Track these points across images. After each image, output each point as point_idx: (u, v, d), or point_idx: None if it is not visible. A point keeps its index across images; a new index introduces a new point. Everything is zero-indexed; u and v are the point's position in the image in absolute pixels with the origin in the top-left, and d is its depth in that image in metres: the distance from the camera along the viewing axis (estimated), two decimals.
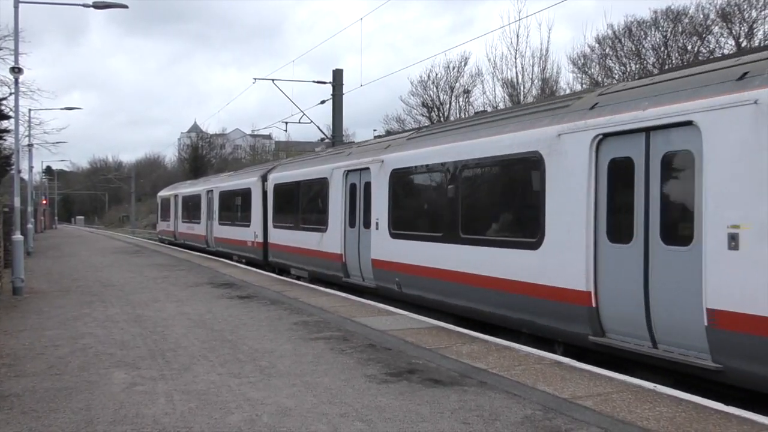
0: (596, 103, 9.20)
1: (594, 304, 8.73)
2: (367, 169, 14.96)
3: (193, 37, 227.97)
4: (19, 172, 20.35)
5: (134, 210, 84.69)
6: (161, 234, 44.88)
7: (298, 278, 19.08)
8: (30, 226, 34.33)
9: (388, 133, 31.59)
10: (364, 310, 12.77)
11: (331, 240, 16.69)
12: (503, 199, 10.83)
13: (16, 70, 17.24)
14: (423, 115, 48.91)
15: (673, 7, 35.19)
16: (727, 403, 6.57)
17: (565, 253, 9.17)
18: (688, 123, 7.59)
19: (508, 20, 44.95)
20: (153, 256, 28.79)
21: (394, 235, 13.81)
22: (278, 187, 21.62)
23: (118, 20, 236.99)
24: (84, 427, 6.01)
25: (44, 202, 76.84)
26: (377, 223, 14.40)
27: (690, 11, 34.59)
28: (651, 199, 8.05)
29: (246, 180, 25.58)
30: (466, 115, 41.93)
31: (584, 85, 37.69)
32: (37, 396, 7.02)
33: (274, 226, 21.78)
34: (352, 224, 15.72)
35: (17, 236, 16.66)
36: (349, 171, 16.00)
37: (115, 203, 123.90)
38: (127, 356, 8.88)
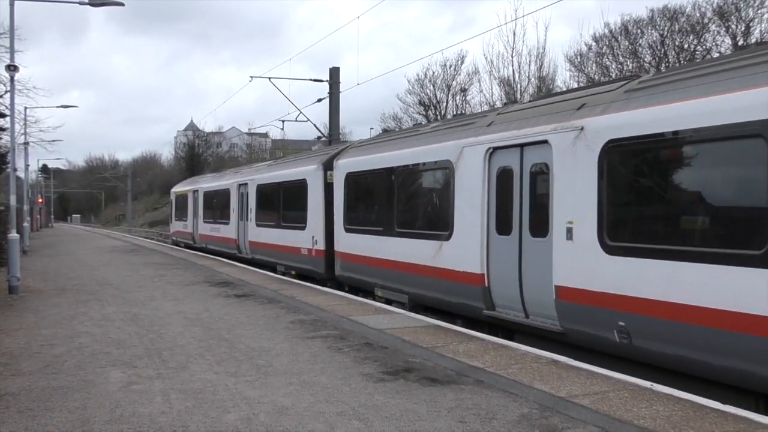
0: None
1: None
2: (542, 143, 9.84)
3: (193, 35, 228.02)
4: (15, 170, 20.28)
5: (131, 208, 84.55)
6: (176, 236, 37.93)
7: (389, 302, 13.96)
8: (26, 224, 34.27)
9: (385, 131, 31.26)
10: (361, 308, 12.76)
11: (459, 252, 11.50)
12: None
13: (12, 68, 17.18)
14: (420, 114, 48.88)
15: (669, 6, 35.24)
16: (724, 402, 6.58)
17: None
18: (545, 142, 9.66)
19: (504, 19, 44.99)
20: (149, 255, 28.75)
21: (614, 250, 8.45)
22: (354, 178, 16.17)
23: (117, 18, 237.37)
24: (80, 427, 6.00)
25: (40, 200, 76.74)
26: (571, 230, 9.14)
27: (687, 10, 34.63)
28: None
29: (299, 169, 19.86)
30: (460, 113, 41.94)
31: (581, 83, 37.70)
32: (33, 395, 7.00)
33: (348, 230, 16.24)
34: (503, 229, 10.63)
35: (13, 235, 16.61)
36: (496, 148, 10.81)
37: (112, 202, 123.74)
38: (123, 355, 8.86)
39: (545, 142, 9.64)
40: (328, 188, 17.54)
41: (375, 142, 16.65)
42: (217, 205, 29.17)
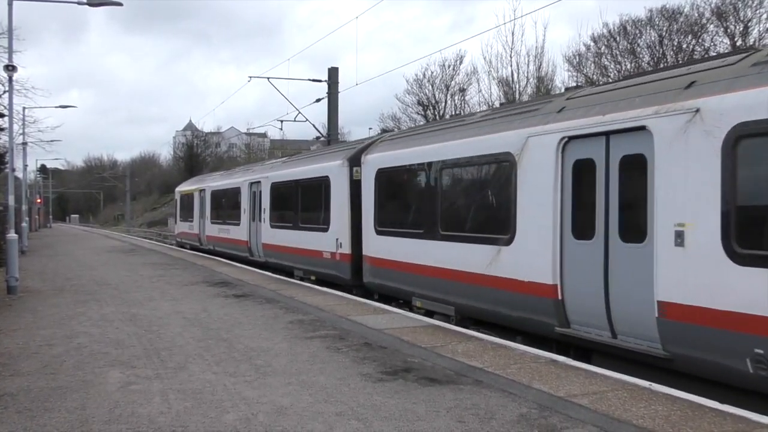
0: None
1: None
2: (637, 130, 8.22)
3: (193, 35, 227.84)
4: (14, 170, 20.27)
5: (129, 209, 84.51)
6: (181, 237, 36.31)
7: (429, 313, 12.31)
8: (24, 224, 34.23)
9: (384, 131, 31.14)
10: (360, 308, 12.76)
11: (523, 258, 9.87)
12: None
13: (11, 68, 17.17)
14: (418, 114, 48.91)
15: (668, 6, 35.27)
16: (722, 402, 6.58)
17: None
18: (642, 128, 8.13)
19: (503, 19, 45.01)
20: (148, 255, 28.73)
21: (747, 260, 6.94)
22: (387, 174, 14.32)
23: (117, 18, 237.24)
24: (79, 427, 5.99)
25: (39, 200, 76.67)
26: (682, 234, 7.59)
27: (685, 10, 34.67)
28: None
29: (320, 165, 18.10)
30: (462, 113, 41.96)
31: (579, 83, 37.69)
32: (32, 395, 7.00)
33: (380, 232, 14.43)
34: (582, 232, 8.99)
35: (12, 235, 16.60)
36: (573, 137, 9.16)
37: (110, 202, 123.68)
38: (122, 355, 8.85)
39: (642, 128, 8.02)
40: (355, 186, 15.91)
41: (410, 134, 14.78)
42: (226, 205, 27.43)
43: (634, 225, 8.23)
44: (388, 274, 14.12)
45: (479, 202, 11.35)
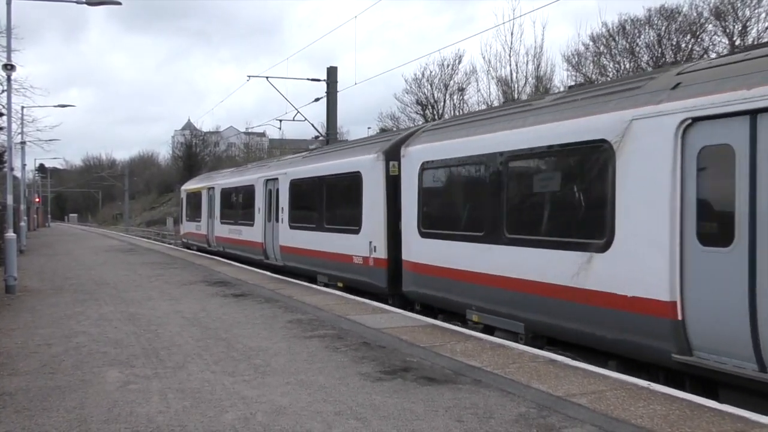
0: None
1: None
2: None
3: (193, 34, 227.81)
4: (12, 169, 20.27)
5: (128, 208, 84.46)
6: (187, 237, 34.27)
7: (489, 329, 10.83)
8: (23, 224, 34.21)
9: (383, 131, 31.05)
10: (358, 308, 12.76)
11: (626, 268, 8.14)
12: None
13: (9, 67, 17.17)
14: (417, 113, 48.93)
15: (667, 5, 35.30)
16: (720, 402, 6.58)
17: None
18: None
19: (502, 18, 45.03)
20: (147, 255, 28.72)
21: None
22: (435, 168, 12.45)
23: (117, 17, 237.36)
24: (77, 426, 5.99)
25: (37, 200, 76.64)
26: None
27: (684, 9, 34.70)
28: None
29: (349, 160, 16.12)
30: (461, 113, 41.96)
31: (577, 83, 37.68)
32: (31, 395, 6.99)
33: (426, 234, 12.51)
34: (713, 238, 7.31)
35: (10, 234, 16.59)
36: (699, 118, 7.43)
37: (109, 201, 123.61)
38: (120, 355, 8.85)
39: None
40: (392, 182, 14.10)
41: (460, 122, 12.59)
42: (237, 204, 25.38)
43: None
44: (434, 282, 12.10)
45: (560, 200, 9.44)
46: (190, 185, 35.04)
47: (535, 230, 9.74)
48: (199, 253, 29.02)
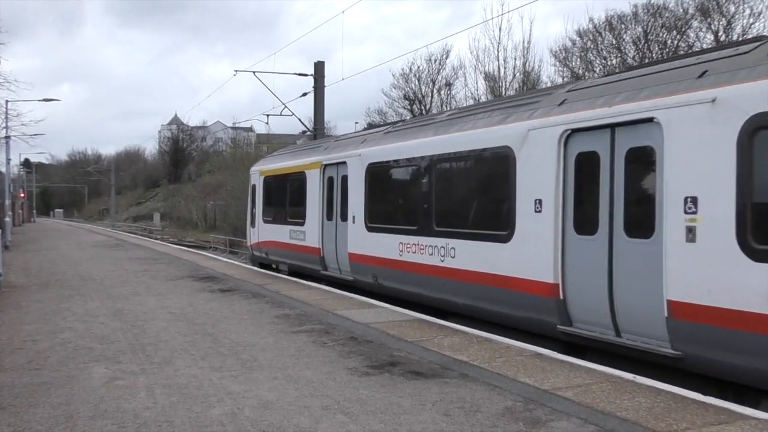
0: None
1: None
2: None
3: (189, 28, 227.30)
4: None
5: (114, 203, 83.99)
6: (266, 250, 20.95)
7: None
8: (7, 219, 33.97)
9: (371, 126, 30.99)
10: (345, 303, 12.77)
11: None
12: None
13: None
14: (405, 108, 48.91)
15: (653, 2, 35.46)
16: (705, 394, 6.66)
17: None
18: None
19: (491, 14, 45.09)
20: (133, 250, 28.60)
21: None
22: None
23: (113, 11, 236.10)
24: (64, 422, 5.97)
25: (22, 195, 76.04)
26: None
27: (670, 5, 34.87)
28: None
29: (487, 132, 10.81)
30: (448, 108, 41.99)
31: (565, 79, 37.85)
32: (16, 391, 6.95)
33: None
34: None
35: None
36: None
37: (95, 196, 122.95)
38: (107, 350, 8.81)
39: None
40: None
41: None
42: (282, 197, 19.66)
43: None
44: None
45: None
46: (261, 167, 22.64)
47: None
48: (186, 248, 28.72)
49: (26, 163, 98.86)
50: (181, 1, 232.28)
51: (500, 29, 42.32)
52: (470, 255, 10.89)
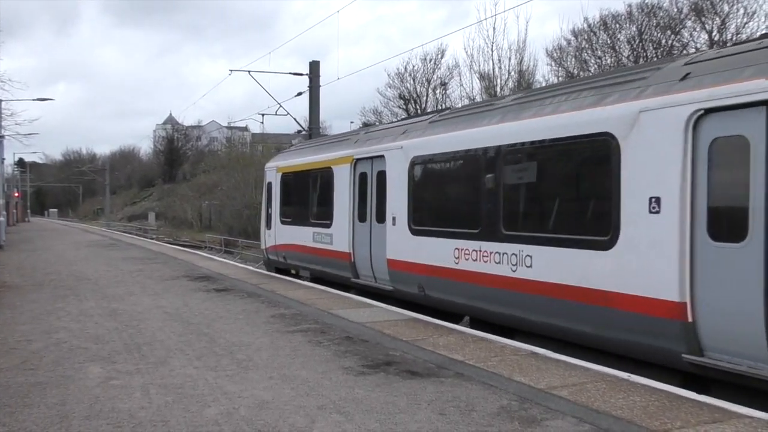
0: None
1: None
2: None
3: (186, 28, 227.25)
4: None
5: (109, 203, 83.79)
6: (284, 254, 19.07)
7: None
8: (1, 218, 33.85)
9: (365, 125, 30.94)
10: (341, 302, 12.77)
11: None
12: None
13: None
14: (400, 107, 48.92)
15: (647, 1, 35.52)
16: (699, 392, 6.68)
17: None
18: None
19: (485, 14, 45.13)
20: (128, 250, 28.54)
21: None
22: None
23: (110, 11, 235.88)
24: (59, 422, 5.95)
25: (16, 194, 75.83)
26: None
27: (664, 5, 34.94)
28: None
29: (581, 115, 8.93)
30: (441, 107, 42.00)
31: (560, 78, 37.90)
32: (11, 391, 6.93)
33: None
34: None
35: None
36: None
37: (90, 196, 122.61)
38: (102, 350, 8.80)
39: None
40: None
41: None
42: (303, 196, 17.70)
43: None
44: None
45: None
46: (278, 162, 20.46)
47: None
48: (181, 248, 28.67)
49: (20, 163, 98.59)
50: (178, 1, 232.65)
51: (494, 29, 42.29)
52: (553, 264, 9.07)
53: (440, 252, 11.50)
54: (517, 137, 9.96)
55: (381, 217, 13.59)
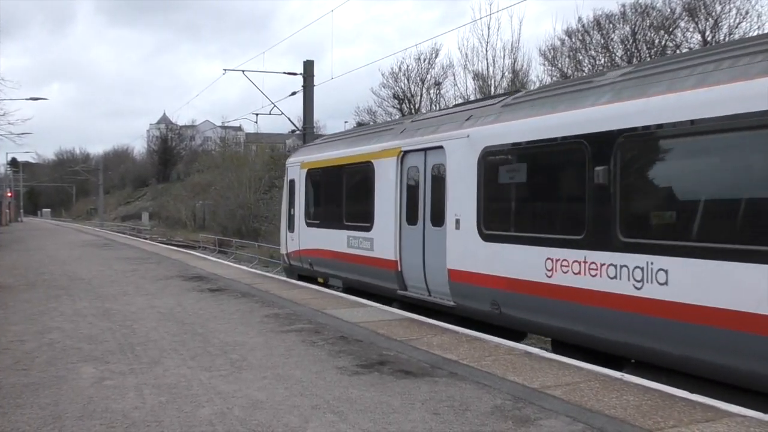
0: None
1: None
2: None
3: (182, 27, 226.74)
4: None
5: (102, 203, 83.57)
6: (309, 260, 17.14)
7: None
8: None
9: (359, 124, 30.83)
10: (335, 302, 12.77)
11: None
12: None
13: None
14: (394, 107, 48.93)
15: (641, 1, 35.63)
16: (692, 391, 6.70)
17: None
18: (440, 147, 11.52)
19: (479, 13, 45.18)
20: (122, 250, 28.47)
21: None
22: None
23: (105, 10, 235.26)
24: (52, 423, 5.94)
25: (9, 194, 75.57)
26: None
27: (657, 5, 35.06)
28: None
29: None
30: (437, 108, 42.01)
31: (554, 78, 37.99)
32: (3, 392, 6.91)
33: None
34: None
35: None
36: None
37: (83, 196, 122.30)
38: (95, 350, 8.77)
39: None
40: None
41: None
42: (332, 195, 15.96)
43: None
44: None
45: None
46: (301, 158, 18.38)
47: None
48: (174, 248, 28.60)
49: (13, 163, 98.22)
50: (174, 0, 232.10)
51: (489, 28, 42.40)
52: (701, 282, 7.11)
53: (525, 262, 9.53)
54: (638, 119, 7.96)
55: (438, 220, 11.66)
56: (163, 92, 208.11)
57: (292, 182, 18.32)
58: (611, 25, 36.96)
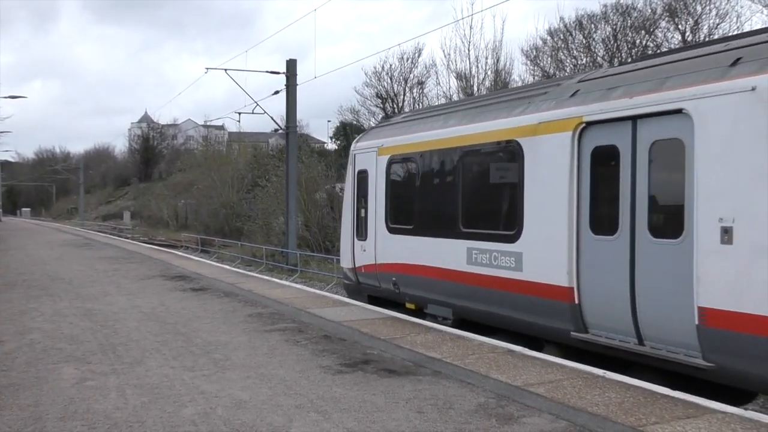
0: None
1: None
2: None
3: (167, 25, 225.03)
4: None
5: (83, 202, 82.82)
6: (378, 277, 13.00)
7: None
8: None
9: (344, 124, 30.76)
10: (318, 301, 12.75)
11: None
12: None
13: None
14: (377, 106, 48.93)
15: (622, 1, 35.87)
16: (673, 388, 6.77)
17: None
18: (677, 111, 7.08)
19: (462, 13, 45.31)
20: (103, 249, 28.24)
21: None
22: None
23: (90, 7, 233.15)
24: (32, 424, 5.88)
25: None
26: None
27: (638, 5, 35.31)
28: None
29: None
30: (420, 107, 42.09)
31: (536, 78, 38.15)
32: None
33: None
34: None
35: None
36: None
37: (63, 195, 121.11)
38: (76, 351, 8.70)
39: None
40: None
41: None
42: (437, 191, 11.68)
43: None
44: None
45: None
46: (374, 141, 14.01)
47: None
48: (157, 248, 28.41)
49: None
50: None
51: (471, 28, 42.50)
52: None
53: None
54: None
55: (669, 227, 7.66)
56: (148, 90, 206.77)
57: (362, 174, 14.06)
58: (593, 26, 37.20)
